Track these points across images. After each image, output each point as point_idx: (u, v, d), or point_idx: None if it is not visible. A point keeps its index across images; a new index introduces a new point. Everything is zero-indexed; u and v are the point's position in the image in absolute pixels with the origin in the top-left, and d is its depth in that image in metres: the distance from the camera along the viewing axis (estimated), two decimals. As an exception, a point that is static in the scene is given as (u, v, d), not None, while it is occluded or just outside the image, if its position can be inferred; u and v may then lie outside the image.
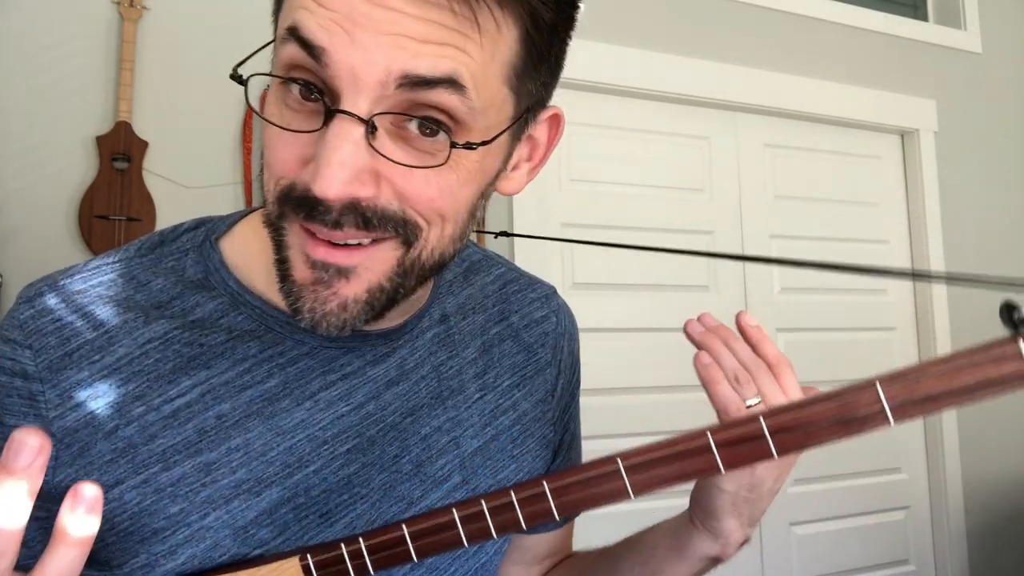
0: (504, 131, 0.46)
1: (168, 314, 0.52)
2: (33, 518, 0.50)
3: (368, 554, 0.43)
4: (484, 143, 0.44)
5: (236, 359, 0.52)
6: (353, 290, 0.46)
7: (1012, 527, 2.65)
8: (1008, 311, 0.35)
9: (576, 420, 0.71)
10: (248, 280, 0.54)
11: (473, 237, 2.01)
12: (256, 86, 1.76)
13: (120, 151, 1.64)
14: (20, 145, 1.59)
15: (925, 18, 2.81)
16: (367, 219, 0.43)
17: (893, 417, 0.36)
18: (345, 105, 0.41)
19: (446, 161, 0.43)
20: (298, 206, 0.43)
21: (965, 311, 2.63)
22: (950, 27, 2.76)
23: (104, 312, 0.51)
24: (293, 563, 0.44)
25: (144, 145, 1.66)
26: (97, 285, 0.52)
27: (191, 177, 1.71)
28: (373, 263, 0.45)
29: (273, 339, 0.53)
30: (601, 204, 2.19)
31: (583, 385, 0.73)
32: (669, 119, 2.32)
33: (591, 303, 2.15)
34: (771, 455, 0.38)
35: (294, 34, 0.41)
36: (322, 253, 0.44)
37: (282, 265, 0.47)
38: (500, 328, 0.64)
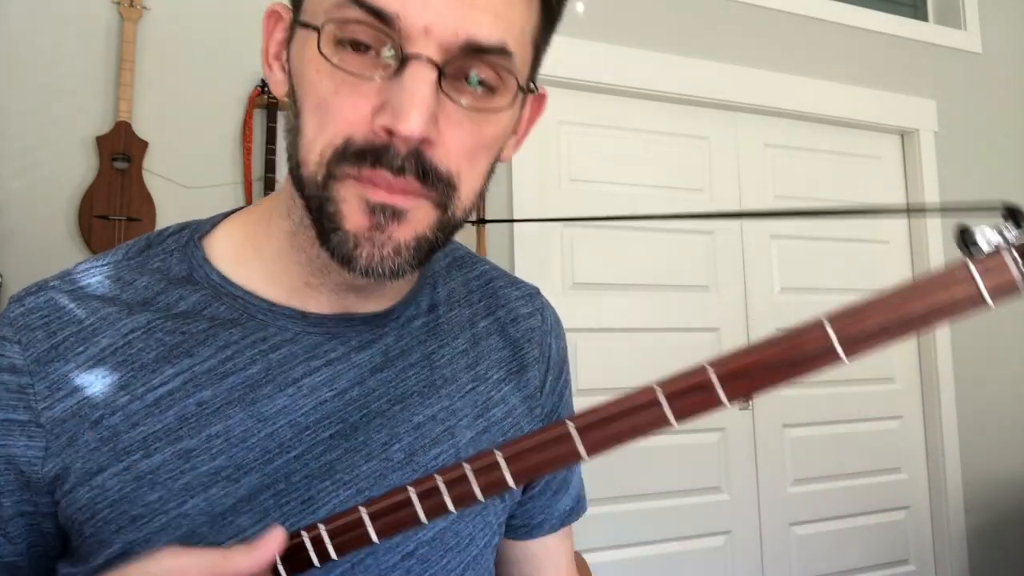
0: (532, 85, 0.51)
1: (152, 308, 0.53)
2: (19, 513, 0.51)
3: (329, 539, 0.43)
4: (532, 90, 0.51)
5: (219, 346, 0.52)
6: (404, 234, 0.48)
7: (1012, 527, 2.65)
8: (962, 235, 0.34)
9: None
10: (231, 273, 0.55)
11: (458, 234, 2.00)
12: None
13: (120, 151, 1.64)
14: (20, 145, 1.59)
15: (925, 18, 2.81)
16: (425, 171, 0.46)
17: (845, 353, 0.35)
18: (415, 50, 0.44)
19: (510, 105, 0.49)
20: (360, 158, 0.45)
21: (965, 311, 2.64)
22: (950, 27, 2.76)
23: (89, 307, 0.52)
24: None
25: (144, 145, 1.66)
26: (85, 286, 0.53)
27: (191, 177, 1.71)
28: (419, 214, 0.48)
29: (255, 326, 0.54)
30: (601, 204, 2.19)
31: (584, 385, 0.73)
32: (669, 119, 2.32)
33: (591, 303, 2.15)
34: (721, 403, 0.37)
35: (359, 2, 0.44)
36: (382, 195, 0.46)
37: (330, 220, 0.47)
38: (487, 322, 0.64)
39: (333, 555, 0.43)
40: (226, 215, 0.60)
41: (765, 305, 2.40)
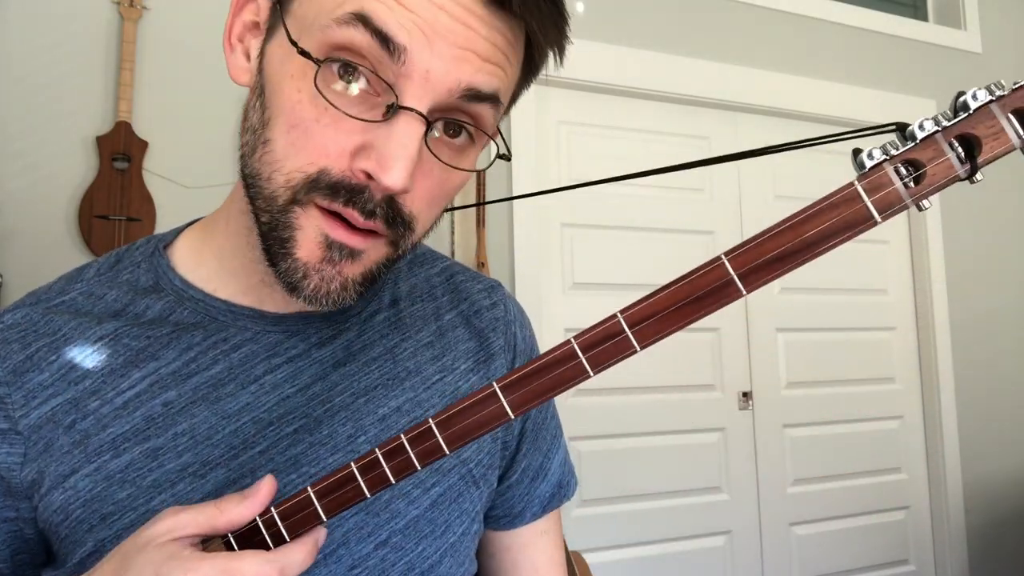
0: (505, 149, 0.52)
1: (122, 318, 0.55)
2: (2, 519, 0.52)
3: (280, 520, 0.44)
4: (507, 156, 0.52)
5: (182, 348, 0.54)
6: (354, 271, 0.48)
7: (1012, 527, 2.65)
8: (854, 156, 0.35)
9: (541, 410, 0.70)
10: (192, 277, 0.57)
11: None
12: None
13: (120, 151, 1.64)
14: (20, 145, 1.59)
15: (925, 18, 2.81)
16: (392, 216, 0.47)
17: (744, 286, 0.36)
18: (408, 102, 0.43)
19: (476, 159, 0.49)
20: (333, 192, 0.45)
21: (965, 310, 2.64)
22: (950, 27, 2.76)
23: (61, 320, 0.55)
24: (215, 543, 0.46)
25: (144, 145, 1.66)
26: (59, 304, 0.56)
27: (191, 177, 1.71)
28: (372, 253, 0.49)
29: (217, 328, 0.55)
30: (601, 204, 2.20)
31: (584, 385, 0.73)
32: (669, 119, 2.32)
33: (591, 303, 2.15)
34: (633, 348, 0.39)
35: (366, 23, 0.42)
36: (343, 236, 0.47)
37: (282, 245, 0.47)
38: (452, 315, 0.65)
39: (286, 536, 0.44)
40: (186, 225, 0.62)
41: (765, 305, 2.40)
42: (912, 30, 2.67)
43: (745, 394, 2.34)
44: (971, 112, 0.33)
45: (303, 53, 0.44)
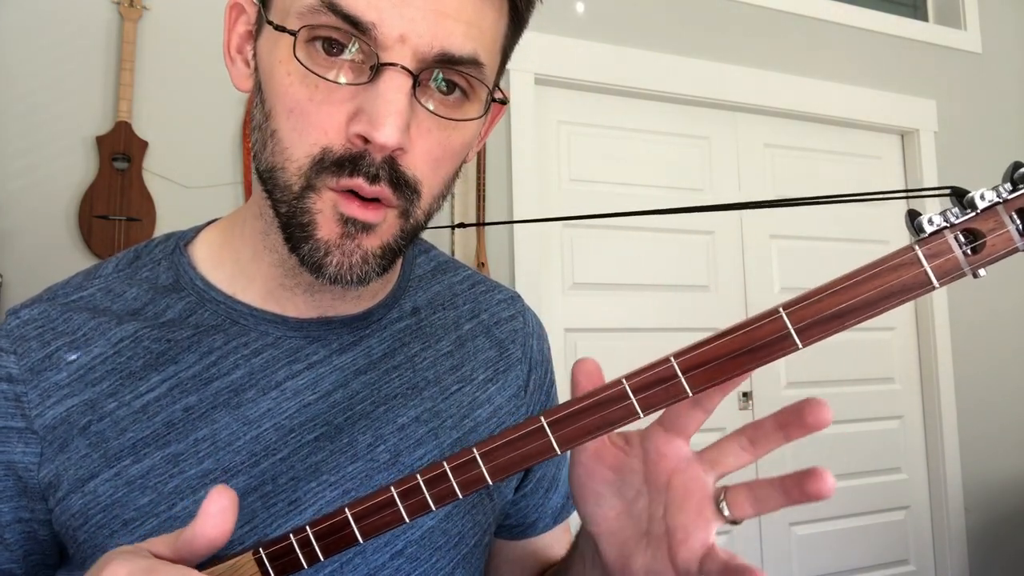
0: (492, 95, 0.51)
1: (141, 317, 0.55)
2: (17, 519, 0.51)
3: (316, 540, 0.44)
4: (503, 100, 0.52)
5: (202, 352, 0.54)
6: (372, 244, 0.49)
7: (1012, 527, 2.65)
8: (911, 219, 0.35)
9: None
10: (213, 278, 0.57)
11: (444, 234, 2.00)
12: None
13: (120, 151, 1.64)
14: (20, 145, 1.59)
15: (925, 18, 2.81)
16: (397, 179, 0.47)
17: (800, 340, 0.37)
18: (390, 59, 0.44)
19: (479, 114, 0.49)
20: (338, 167, 0.46)
21: (965, 310, 2.64)
22: (950, 27, 2.77)
23: (81, 319, 0.54)
24: (247, 558, 0.45)
25: (144, 145, 1.66)
26: (78, 299, 0.55)
27: (191, 177, 1.71)
28: (385, 225, 0.49)
29: (238, 331, 0.55)
30: (601, 204, 2.20)
31: (584, 386, 0.72)
32: (669, 119, 2.32)
33: (591, 303, 2.15)
34: (686, 394, 0.39)
35: (334, 10, 0.43)
36: (355, 210, 0.47)
37: (303, 230, 0.48)
38: (472, 325, 0.65)
39: (320, 556, 0.43)
40: (207, 224, 0.62)
41: (765, 305, 2.37)
42: (912, 30, 2.67)
43: (745, 394, 2.34)
44: None
45: (279, 28, 0.46)
